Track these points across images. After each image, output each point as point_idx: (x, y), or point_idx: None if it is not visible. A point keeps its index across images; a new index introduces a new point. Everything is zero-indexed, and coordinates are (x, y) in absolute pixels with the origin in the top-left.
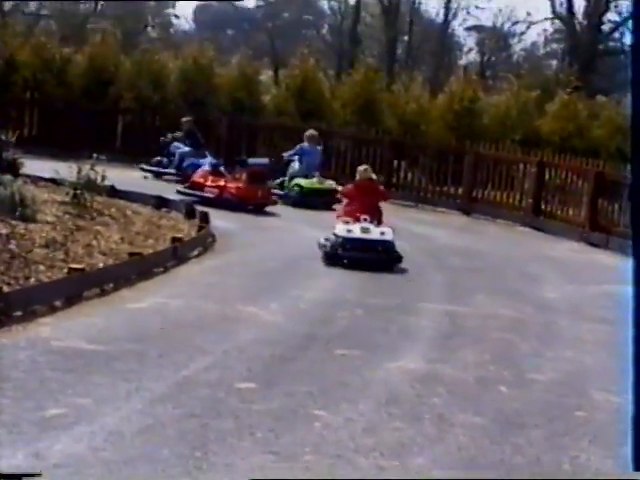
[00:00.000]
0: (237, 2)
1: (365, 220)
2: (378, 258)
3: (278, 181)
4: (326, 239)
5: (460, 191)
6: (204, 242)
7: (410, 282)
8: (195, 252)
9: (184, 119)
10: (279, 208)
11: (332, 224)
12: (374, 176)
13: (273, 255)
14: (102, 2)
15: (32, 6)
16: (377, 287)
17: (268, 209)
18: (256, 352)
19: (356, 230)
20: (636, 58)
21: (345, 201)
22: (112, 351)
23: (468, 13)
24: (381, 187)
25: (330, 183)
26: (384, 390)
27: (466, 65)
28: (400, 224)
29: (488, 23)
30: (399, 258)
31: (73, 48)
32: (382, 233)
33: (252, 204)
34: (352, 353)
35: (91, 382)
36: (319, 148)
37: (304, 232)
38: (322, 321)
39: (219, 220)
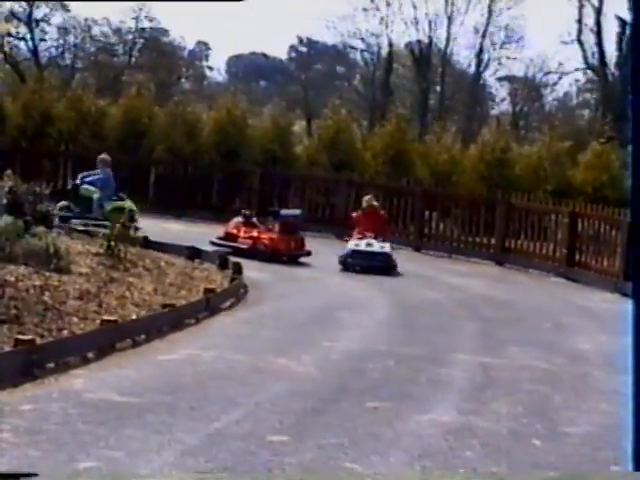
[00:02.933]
0: (270, 54)
1: (370, 237)
2: (378, 265)
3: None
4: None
5: (493, 241)
6: (237, 293)
7: (442, 332)
8: (227, 303)
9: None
10: (312, 259)
11: (364, 274)
12: (376, 203)
13: (305, 306)
14: (135, 55)
15: (67, 59)
16: (408, 337)
17: (301, 259)
18: (288, 404)
19: (362, 244)
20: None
21: (355, 225)
22: (144, 403)
23: (500, 64)
24: (382, 212)
25: (382, 245)
26: (416, 443)
27: (498, 115)
28: (433, 274)
29: (520, 73)
30: (394, 266)
31: (108, 100)
32: (382, 247)
33: (285, 255)
34: (384, 405)
35: (123, 435)
36: (109, 171)
37: (336, 283)
38: (353, 372)
39: (252, 271)
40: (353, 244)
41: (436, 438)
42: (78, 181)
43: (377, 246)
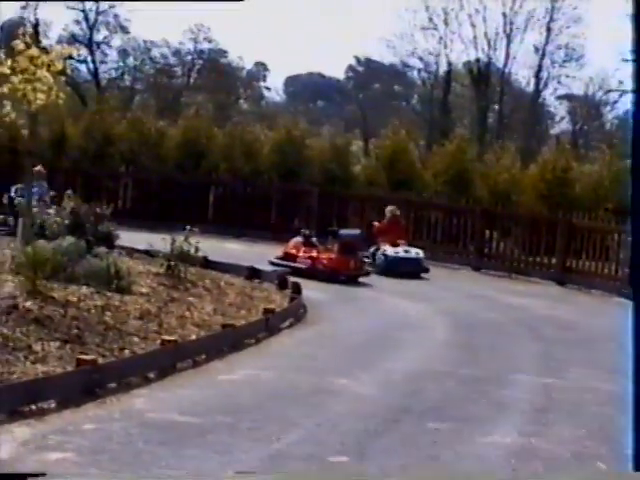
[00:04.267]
0: (327, 73)
1: (403, 244)
2: (414, 270)
3: (371, 250)
4: (380, 256)
5: (553, 261)
6: (296, 313)
7: (503, 353)
8: (287, 323)
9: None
10: (370, 279)
11: (423, 294)
12: (398, 213)
13: (364, 326)
14: (194, 76)
15: (127, 81)
16: (469, 357)
17: (360, 279)
18: (349, 425)
19: (400, 251)
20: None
21: (379, 234)
22: (205, 423)
23: (559, 82)
24: (402, 222)
25: (417, 252)
26: (478, 465)
27: (558, 134)
28: (493, 294)
29: (580, 92)
30: (427, 269)
31: (167, 121)
32: (417, 253)
33: (344, 275)
34: (445, 426)
35: (184, 455)
36: (45, 183)
37: (394, 303)
38: (414, 393)
39: (311, 291)
40: (392, 251)
41: (498, 460)
42: (12, 194)
43: (413, 252)
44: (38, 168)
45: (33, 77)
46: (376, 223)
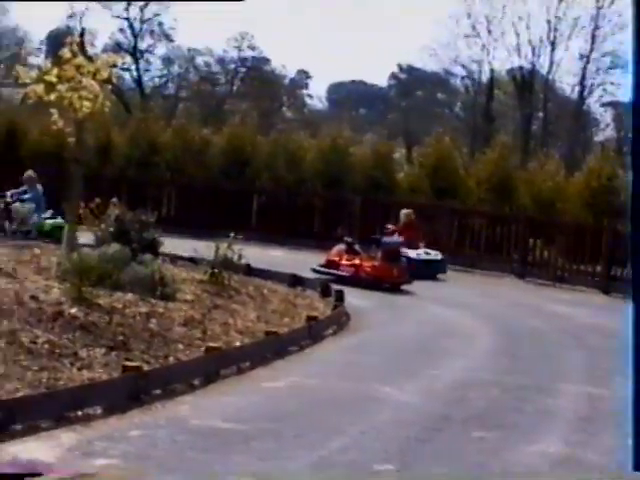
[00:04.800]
0: (369, 81)
1: (422, 247)
2: (436, 271)
3: None
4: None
5: (598, 269)
6: (339, 320)
7: (548, 361)
8: (330, 330)
9: (403, 212)
10: (413, 286)
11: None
12: (413, 216)
13: (407, 334)
14: (238, 84)
15: (171, 89)
16: (513, 366)
17: (402, 287)
18: (393, 433)
19: (422, 254)
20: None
21: (395, 234)
22: (249, 430)
23: (604, 89)
24: (416, 225)
25: (436, 253)
26: (524, 474)
27: (603, 141)
28: (537, 302)
29: (625, 99)
30: (445, 269)
31: (211, 129)
32: (437, 254)
33: (388, 282)
34: (489, 435)
35: (229, 461)
36: (39, 187)
37: (438, 311)
38: (458, 401)
39: (354, 298)
40: (415, 254)
41: (543, 469)
42: (9, 199)
43: (433, 254)
44: (29, 173)
45: (79, 85)
46: (391, 226)
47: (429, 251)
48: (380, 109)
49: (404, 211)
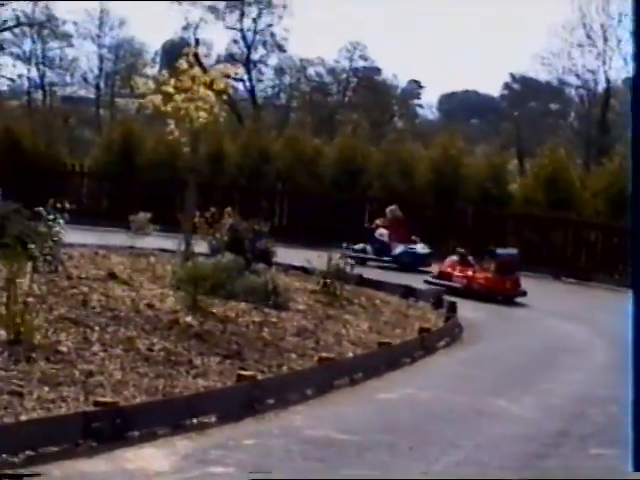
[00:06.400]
0: (482, 91)
1: (415, 242)
2: (425, 263)
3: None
4: (408, 252)
5: None
6: (451, 332)
7: None
8: (442, 342)
9: (389, 208)
10: (527, 299)
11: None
12: (400, 214)
13: (521, 347)
14: (349, 94)
15: (282, 99)
16: (630, 381)
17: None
18: (508, 447)
19: (419, 248)
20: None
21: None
22: (363, 441)
23: None
24: (404, 220)
25: (422, 246)
26: None
27: None
28: None
29: None
30: (429, 262)
31: (323, 139)
32: (423, 247)
33: (500, 295)
34: (608, 452)
35: (343, 472)
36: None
37: (552, 323)
38: (575, 417)
39: (466, 310)
40: (407, 247)
41: None
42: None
43: (426, 248)
44: None
45: (196, 96)
46: (378, 221)
47: (422, 245)
48: (492, 119)
49: (389, 208)
